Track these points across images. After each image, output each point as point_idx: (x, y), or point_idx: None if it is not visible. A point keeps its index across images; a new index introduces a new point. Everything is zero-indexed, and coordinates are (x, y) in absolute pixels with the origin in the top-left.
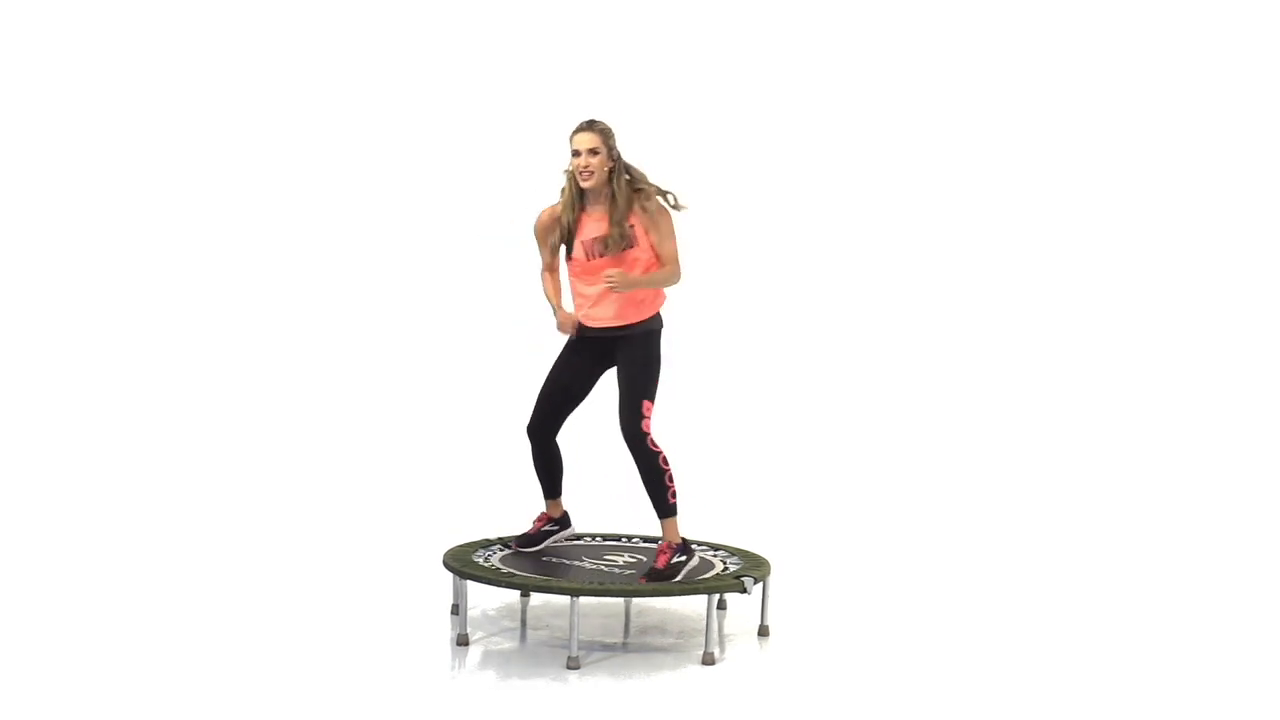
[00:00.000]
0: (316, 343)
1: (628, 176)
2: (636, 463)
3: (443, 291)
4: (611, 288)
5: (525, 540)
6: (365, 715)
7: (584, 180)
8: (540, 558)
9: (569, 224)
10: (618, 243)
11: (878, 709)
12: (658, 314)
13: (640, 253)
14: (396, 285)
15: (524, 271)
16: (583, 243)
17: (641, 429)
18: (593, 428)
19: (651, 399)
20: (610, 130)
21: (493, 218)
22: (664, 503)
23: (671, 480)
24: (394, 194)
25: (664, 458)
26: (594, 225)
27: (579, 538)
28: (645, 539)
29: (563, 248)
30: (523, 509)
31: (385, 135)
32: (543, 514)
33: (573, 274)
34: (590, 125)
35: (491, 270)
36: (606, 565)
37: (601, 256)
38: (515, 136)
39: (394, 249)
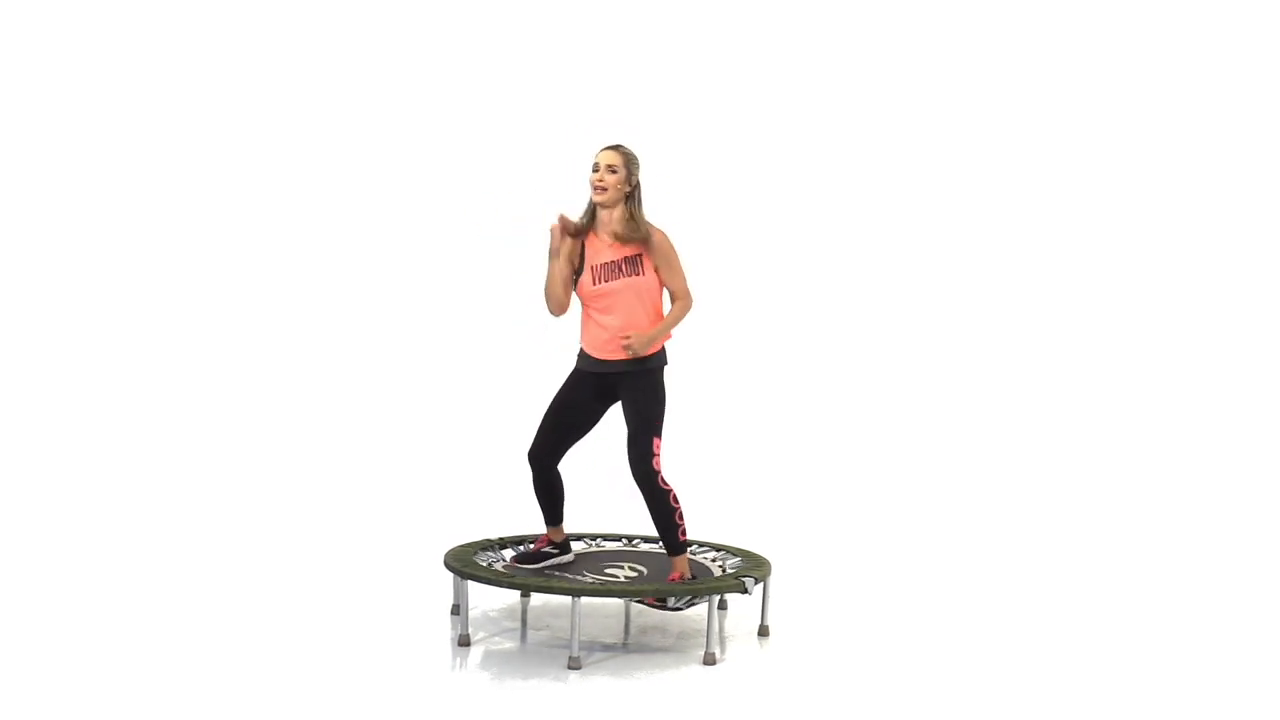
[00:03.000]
0: (318, 344)
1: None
2: (646, 501)
3: (443, 293)
4: (628, 351)
5: (525, 558)
6: (365, 715)
7: (596, 194)
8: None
9: (582, 236)
10: (617, 268)
11: (878, 709)
12: (662, 350)
13: (647, 283)
14: (397, 287)
15: (524, 272)
16: (591, 267)
17: (652, 467)
18: (594, 446)
19: (660, 435)
20: (635, 158)
21: (493, 219)
22: (674, 541)
23: (682, 519)
24: (395, 196)
25: (674, 496)
26: (603, 250)
27: (579, 538)
28: (645, 539)
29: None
30: (523, 509)
31: (388, 138)
32: (544, 536)
33: (581, 299)
34: (616, 147)
35: (492, 271)
36: (609, 579)
37: (607, 283)
38: (517, 138)
39: (395, 250)
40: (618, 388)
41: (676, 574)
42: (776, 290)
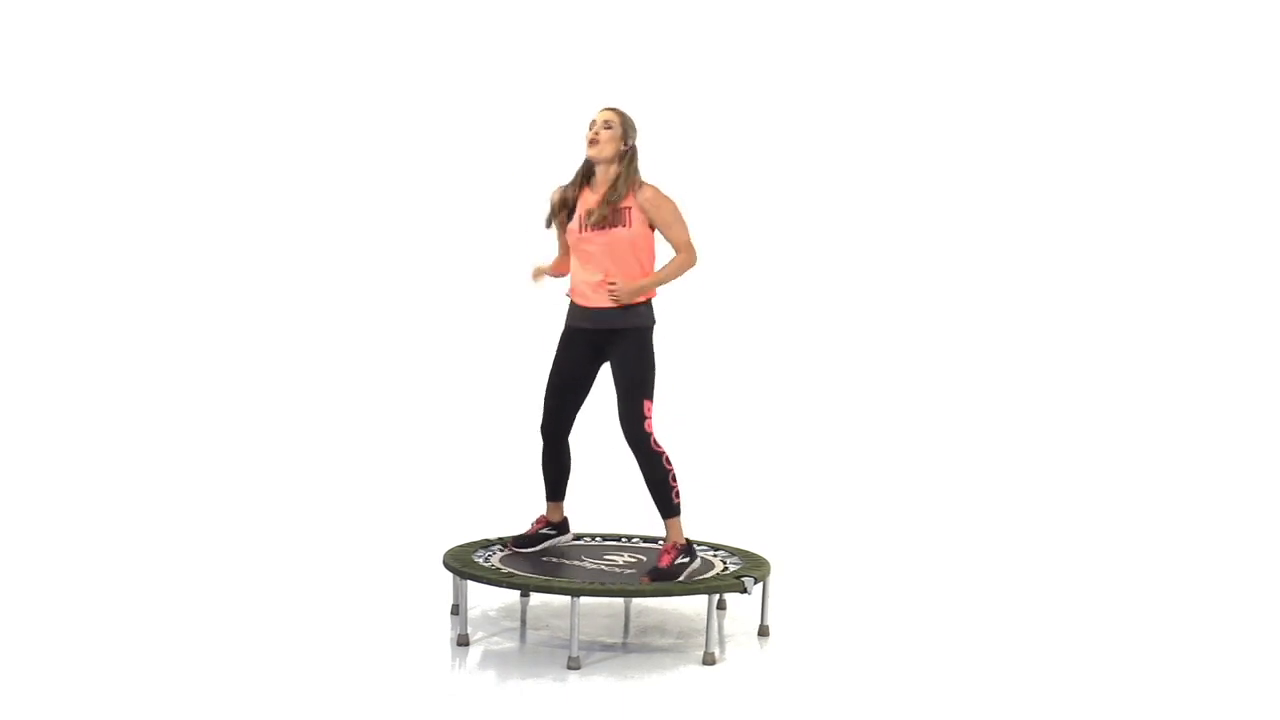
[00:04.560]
0: (317, 343)
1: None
2: (640, 464)
3: (442, 291)
4: (613, 297)
5: (522, 541)
6: (365, 715)
7: (590, 148)
8: (540, 558)
9: (573, 197)
10: (601, 219)
11: (878, 709)
12: (648, 307)
13: (630, 235)
14: (396, 285)
15: (524, 270)
16: (578, 215)
17: (644, 430)
18: (594, 426)
19: (651, 398)
20: (632, 123)
21: (491, 217)
22: (668, 504)
23: (675, 480)
24: (393, 194)
25: (667, 458)
26: (592, 199)
27: (579, 538)
28: (645, 539)
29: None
30: (523, 509)
31: (386, 130)
32: (542, 517)
33: (570, 245)
34: (614, 108)
35: (491, 270)
36: (607, 565)
37: (590, 230)
38: (514, 132)
39: (393, 248)
40: (606, 347)
41: (670, 544)
42: (777, 290)
